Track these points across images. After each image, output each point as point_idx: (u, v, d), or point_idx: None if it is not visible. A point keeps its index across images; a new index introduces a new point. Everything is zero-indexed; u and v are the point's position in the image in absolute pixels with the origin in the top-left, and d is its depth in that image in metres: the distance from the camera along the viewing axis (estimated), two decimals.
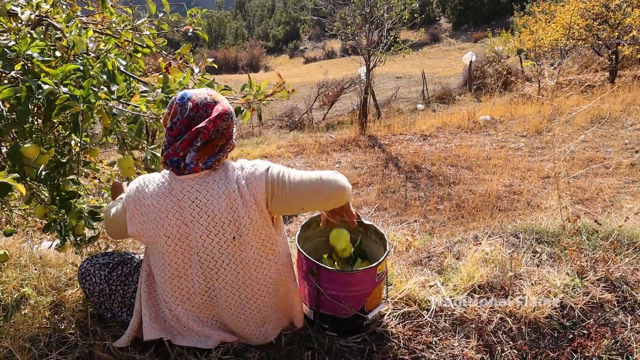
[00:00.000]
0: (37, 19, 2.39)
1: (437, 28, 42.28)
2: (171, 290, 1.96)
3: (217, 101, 1.86)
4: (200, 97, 1.84)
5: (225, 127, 1.84)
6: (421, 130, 13.13)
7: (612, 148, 9.74)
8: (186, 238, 1.86)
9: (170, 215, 1.83)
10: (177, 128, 1.82)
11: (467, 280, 2.61)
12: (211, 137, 1.81)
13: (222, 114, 1.82)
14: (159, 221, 1.83)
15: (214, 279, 1.92)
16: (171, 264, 1.89)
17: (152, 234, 1.86)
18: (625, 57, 17.28)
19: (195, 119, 1.81)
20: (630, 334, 2.30)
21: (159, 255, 1.90)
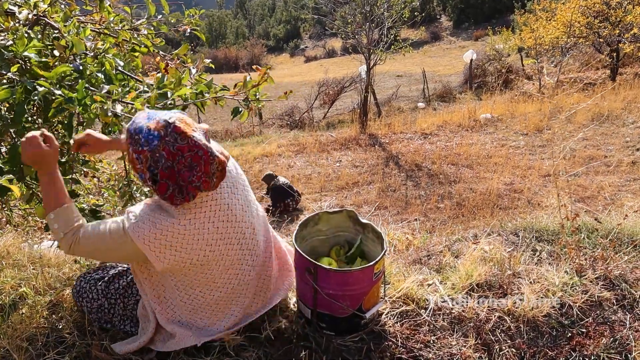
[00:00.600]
0: (35, 19, 2.38)
1: (437, 26, 42.19)
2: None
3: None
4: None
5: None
6: (422, 129, 13.12)
7: (613, 146, 9.72)
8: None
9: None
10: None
11: (465, 279, 2.61)
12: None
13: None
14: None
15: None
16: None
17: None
18: (626, 55, 17.23)
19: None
20: (629, 332, 2.29)
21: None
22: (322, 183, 9.78)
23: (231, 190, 1.91)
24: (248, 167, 11.17)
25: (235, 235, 1.92)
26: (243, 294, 2.08)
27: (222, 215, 1.85)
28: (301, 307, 2.28)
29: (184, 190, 1.68)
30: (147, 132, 1.63)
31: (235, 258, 1.96)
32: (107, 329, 2.25)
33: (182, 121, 1.67)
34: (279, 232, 4.91)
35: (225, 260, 1.92)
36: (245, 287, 2.07)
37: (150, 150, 1.63)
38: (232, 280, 2.00)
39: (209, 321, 2.07)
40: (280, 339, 2.20)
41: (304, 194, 9.34)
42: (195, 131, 1.68)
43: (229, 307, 2.08)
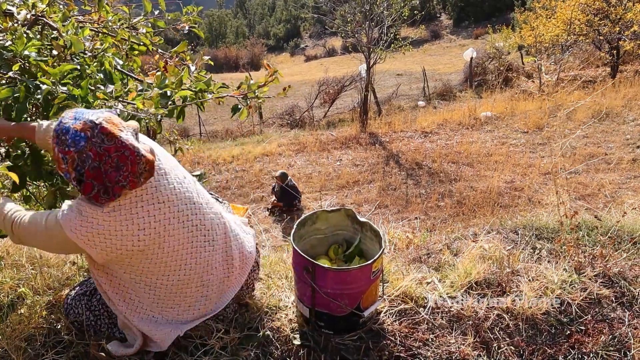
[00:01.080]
0: (33, 19, 2.38)
1: (437, 25, 42.16)
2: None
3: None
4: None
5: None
6: (422, 127, 13.13)
7: (613, 143, 9.73)
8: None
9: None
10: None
11: (464, 277, 2.60)
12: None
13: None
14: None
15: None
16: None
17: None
18: (626, 52, 17.22)
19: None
20: (628, 330, 2.29)
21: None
22: (323, 182, 9.79)
23: (157, 172, 1.86)
24: (248, 167, 11.18)
25: (172, 214, 1.88)
26: (208, 273, 2.05)
27: (151, 198, 1.82)
28: (299, 306, 2.27)
29: (109, 190, 1.68)
30: (74, 133, 1.63)
31: (181, 237, 1.92)
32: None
33: (109, 121, 1.67)
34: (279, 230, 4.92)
35: (168, 242, 1.88)
36: (207, 265, 2.03)
37: (77, 151, 1.63)
38: (188, 260, 1.96)
39: (180, 309, 2.05)
40: (278, 338, 2.20)
41: (304, 193, 9.34)
42: (123, 131, 1.68)
43: (198, 290, 2.05)
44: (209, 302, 2.10)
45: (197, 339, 2.14)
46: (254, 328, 2.23)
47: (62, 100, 1.95)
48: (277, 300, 2.47)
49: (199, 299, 2.08)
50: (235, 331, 2.18)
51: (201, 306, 2.09)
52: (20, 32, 2.12)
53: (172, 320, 2.06)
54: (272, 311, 2.38)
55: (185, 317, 2.08)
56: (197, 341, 2.13)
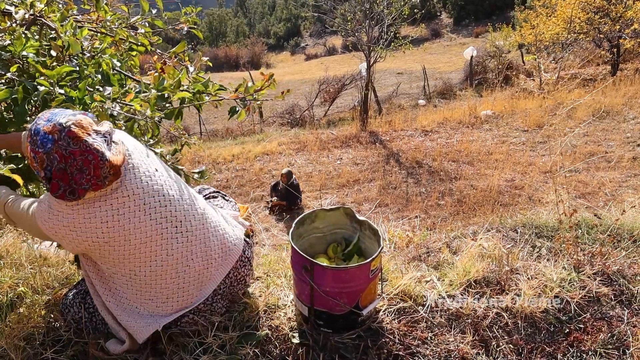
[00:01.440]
0: (32, 19, 2.39)
1: (437, 23, 42.13)
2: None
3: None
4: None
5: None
6: (422, 126, 13.13)
7: (614, 142, 9.72)
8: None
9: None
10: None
11: (463, 276, 2.60)
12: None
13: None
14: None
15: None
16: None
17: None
18: (627, 51, 17.21)
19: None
20: (627, 328, 2.29)
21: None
22: (323, 181, 9.79)
23: (124, 167, 1.88)
24: (249, 165, 11.18)
25: (137, 207, 1.89)
26: (183, 264, 2.04)
27: (114, 193, 1.84)
28: (298, 304, 2.27)
29: (75, 191, 1.73)
30: (43, 135, 1.71)
31: (149, 230, 1.92)
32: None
33: (78, 124, 1.73)
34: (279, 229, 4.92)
35: (134, 234, 1.89)
36: (182, 257, 2.03)
37: (44, 153, 1.71)
38: (159, 251, 1.97)
39: (158, 301, 2.05)
40: (277, 337, 2.20)
41: (304, 191, 9.35)
42: (90, 135, 1.73)
43: (173, 282, 2.04)
44: (187, 294, 2.09)
45: (195, 337, 2.14)
46: (253, 327, 2.24)
47: (60, 103, 1.95)
48: (276, 298, 2.47)
49: (176, 291, 2.06)
50: (234, 330, 2.19)
51: (179, 298, 2.08)
52: (19, 33, 2.12)
53: (152, 313, 2.06)
54: (271, 310, 2.38)
55: (165, 310, 2.08)
56: (195, 339, 2.13)
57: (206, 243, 2.10)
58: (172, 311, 2.09)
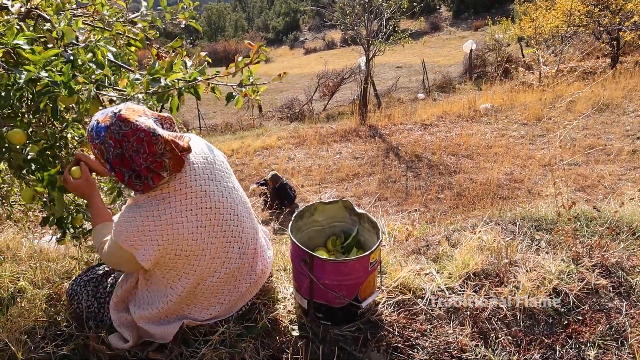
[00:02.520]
0: (27, 11, 2.38)
1: (437, 17, 42.00)
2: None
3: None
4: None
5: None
6: (422, 120, 13.12)
7: (613, 135, 9.72)
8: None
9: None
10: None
11: (462, 268, 2.61)
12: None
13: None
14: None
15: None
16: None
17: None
18: (626, 43, 17.17)
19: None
20: (625, 319, 2.30)
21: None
22: (322, 175, 9.79)
23: (208, 177, 1.91)
24: (248, 160, 11.18)
25: (217, 222, 1.92)
26: (231, 283, 2.08)
27: (200, 202, 1.86)
28: (298, 297, 2.28)
29: (141, 175, 1.73)
30: (96, 125, 1.73)
31: (220, 246, 1.95)
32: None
33: (129, 109, 1.74)
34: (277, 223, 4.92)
35: (210, 249, 1.92)
36: (232, 276, 2.07)
37: (100, 142, 1.72)
38: (219, 269, 1.99)
39: (194, 309, 2.08)
40: (277, 330, 2.21)
41: (304, 186, 9.35)
42: (142, 117, 1.73)
43: (216, 297, 2.08)
44: (221, 309, 2.12)
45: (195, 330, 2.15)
46: (253, 320, 2.24)
47: (44, 87, 1.93)
48: (276, 292, 2.48)
49: (215, 305, 2.10)
50: (234, 323, 2.19)
51: (213, 310, 2.11)
52: (12, 24, 2.11)
53: (180, 318, 2.09)
54: (271, 303, 2.39)
55: (194, 316, 2.10)
56: (199, 338, 2.14)
57: (252, 267, 2.15)
58: (202, 320, 2.11)
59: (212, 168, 1.95)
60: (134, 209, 1.82)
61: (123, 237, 1.81)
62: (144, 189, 1.77)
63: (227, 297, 2.11)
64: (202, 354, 2.04)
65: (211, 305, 2.09)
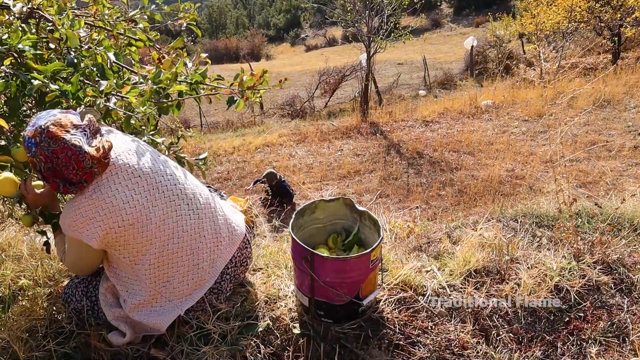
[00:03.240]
0: (29, 11, 2.38)
1: (438, 13, 41.98)
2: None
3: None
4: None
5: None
6: (423, 117, 13.08)
7: (615, 131, 9.70)
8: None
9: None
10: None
11: (463, 265, 2.61)
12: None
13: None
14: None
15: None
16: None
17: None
18: (628, 39, 17.12)
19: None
20: (627, 316, 2.30)
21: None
22: (324, 172, 9.78)
23: (129, 153, 1.98)
24: (249, 157, 11.17)
25: (150, 186, 1.96)
26: (197, 240, 2.10)
27: (125, 175, 1.92)
28: (299, 295, 2.28)
29: (74, 182, 1.83)
30: (28, 140, 1.79)
31: (165, 207, 1.99)
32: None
33: (57, 124, 1.78)
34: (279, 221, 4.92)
35: (154, 212, 1.96)
36: (195, 233, 2.09)
37: (32, 156, 1.80)
38: (175, 228, 2.03)
39: (175, 281, 2.09)
40: (278, 327, 2.21)
41: (305, 183, 9.34)
42: (69, 132, 1.79)
43: (189, 259, 2.10)
44: (201, 270, 2.14)
45: (196, 330, 2.15)
46: (254, 317, 2.25)
47: (54, 98, 1.96)
48: (277, 289, 2.48)
49: (191, 269, 2.11)
50: (235, 320, 2.19)
51: (194, 276, 2.12)
52: (16, 26, 2.11)
53: (170, 299, 2.10)
54: (272, 300, 2.39)
55: (181, 291, 2.11)
56: (197, 334, 2.14)
57: (214, 222, 2.18)
58: (188, 292, 2.13)
59: (131, 144, 2.02)
60: (72, 199, 1.92)
61: (66, 225, 1.89)
62: (80, 190, 1.87)
63: (200, 257, 2.12)
64: (203, 351, 2.04)
65: (188, 270, 2.11)
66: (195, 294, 2.15)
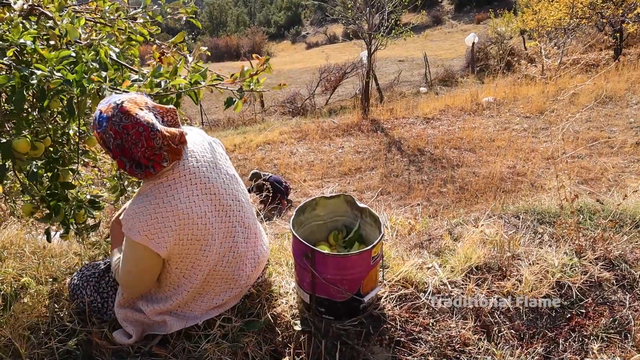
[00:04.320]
0: (30, 8, 2.38)
1: (439, 10, 41.88)
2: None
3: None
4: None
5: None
6: (424, 114, 13.08)
7: (616, 127, 9.69)
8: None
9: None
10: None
11: (464, 262, 2.60)
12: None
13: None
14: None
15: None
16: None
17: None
18: (630, 35, 17.07)
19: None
20: (629, 312, 2.30)
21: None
22: (325, 169, 9.78)
23: (209, 165, 1.96)
24: (250, 155, 11.18)
25: (221, 207, 1.97)
26: (239, 269, 2.12)
27: (204, 188, 1.90)
28: (300, 292, 2.28)
29: (141, 164, 1.77)
30: (99, 115, 1.75)
31: (226, 231, 2.01)
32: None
33: (131, 101, 1.76)
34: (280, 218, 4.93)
35: (217, 233, 1.96)
36: (240, 261, 2.11)
37: (102, 132, 1.75)
38: (227, 253, 2.04)
39: (204, 299, 2.10)
40: (279, 324, 2.21)
41: (306, 180, 9.34)
42: (142, 110, 1.76)
43: (227, 283, 2.11)
44: (232, 294, 2.15)
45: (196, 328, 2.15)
46: (255, 314, 2.25)
47: (57, 86, 1.95)
48: (278, 286, 2.48)
49: (226, 290, 2.13)
50: (236, 318, 2.20)
51: (225, 296, 2.14)
52: (17, 22, 2.11)
53: (194, 310, 2.11)
54: (273, 298, 2.39)
55: (209, 306, 2.12)
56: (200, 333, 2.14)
57: (254, 250, 2.20)
58: (212, 307, 2.14)
59: (212, 157, 2.00)
60: (142, 199, 1.83)
61: (135, 229, 1.80)
62: (146, 176, 1.80)
63: (236, 282, 2.13)
64: (205, 348, 2.04)
65: (222, 292, 2.12)
66: (217, 310, 2.16)
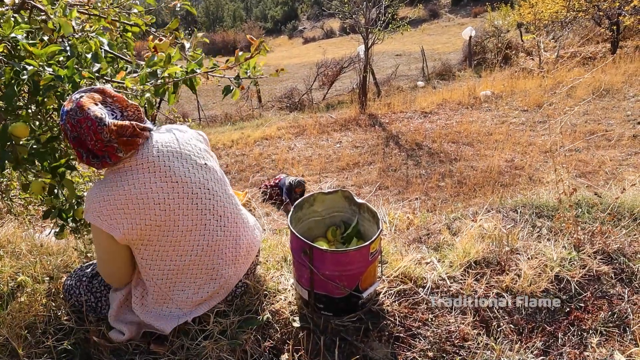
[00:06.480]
0: (21, 2, 2.36)
1: (435, 4, 41.80)
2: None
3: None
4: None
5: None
6: (421, 108, 13.07)
7: (614, 120, 9.68)
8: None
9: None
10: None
11: (463, 257, 2.60)
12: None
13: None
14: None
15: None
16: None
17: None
18: (626, 28, 17.05)
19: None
20: (627, 306, 2.29)
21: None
22: (323, 164, 9.77)
23: (173, 155, 1.97)
24: (248, 151, 11.15)
25: (185, 195, 1.96)
26: (218, 257, 2.10)
27: (164, 176, 1.92)
28: (298, 288, 2.27)
29: (97, 155, 1.84)
30: (62, 109, 1.84)
31: (195, 219, 2.00)
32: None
33: (89, 96, 1.84)
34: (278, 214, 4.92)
35: (182, 221, 1.96)
36: (218, 250, 2.09)
37: (62, 124, 1.84)
38: (201, 241, 2.03)
39: (190, 291, 2.09)
40: (278, 321, 2.20)
41: (304, 175, 9.33)
42: (97, 104, 1.83)
43: (207, 272, 2.09)
44: (217, 285, 2.13)
45: (196, 324, 2.14)
46: (254, 311, 2.24)
47: (49, 81, 1.95)
48: (276, 283, 2.47)
49: (208, 281, 2.11)
50: (234, 314, 2.19)
51: (209, 289, 2.12)
52: (8, 16, 2.09)
53: (181, 307, 2.09)
54: (272, 294, 2.38)
55: (194, 301, 2.10)
56: (196, 327, 2.14)
57: (237, 240, 2.17)
58: (200, 302, 2.13)
59: (178, 147, 2.01)
60: (99, 184, 1.91)
61: (89, 210, 1.88)
62: (103, 165, 1.87)
63: (217, 272, 2.12)
64: (203, 345, 2.03)
65: (204, 283, 2.10)
66: (206, 305, 2.15)
